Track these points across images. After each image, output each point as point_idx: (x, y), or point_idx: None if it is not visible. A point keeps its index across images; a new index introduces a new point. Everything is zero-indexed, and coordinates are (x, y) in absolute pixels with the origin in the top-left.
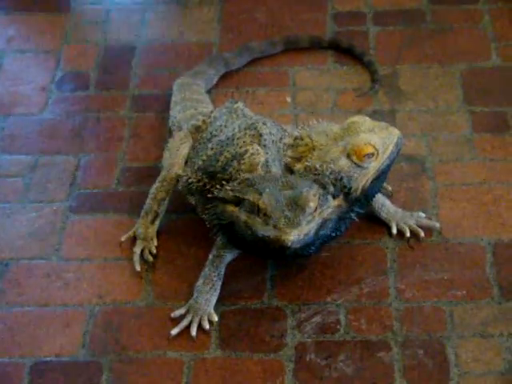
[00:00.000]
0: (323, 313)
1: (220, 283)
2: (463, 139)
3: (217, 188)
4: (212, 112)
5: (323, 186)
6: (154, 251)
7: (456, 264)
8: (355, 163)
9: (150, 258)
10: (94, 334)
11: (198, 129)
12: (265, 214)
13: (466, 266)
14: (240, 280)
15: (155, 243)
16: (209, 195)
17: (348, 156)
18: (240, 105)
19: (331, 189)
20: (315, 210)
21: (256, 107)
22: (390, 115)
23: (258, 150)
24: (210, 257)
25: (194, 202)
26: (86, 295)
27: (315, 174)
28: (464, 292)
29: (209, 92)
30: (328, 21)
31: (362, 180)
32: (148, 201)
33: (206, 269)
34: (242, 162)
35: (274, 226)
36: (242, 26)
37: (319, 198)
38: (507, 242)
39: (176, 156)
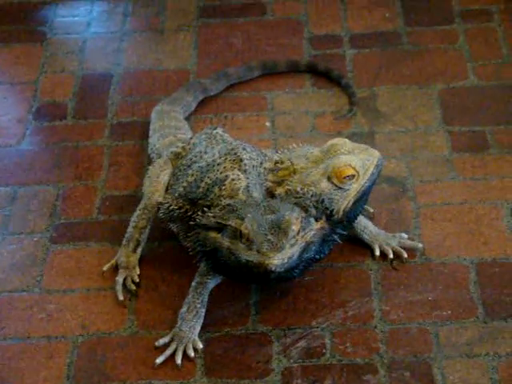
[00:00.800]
0: (308, 337)
1: (204, 310)
2: (443, 159)
3: (198, 214)
4: (191, 138)
5: (305, 209)
6: (137, 280)
7: (440, 284)
8: (336, 185)
9: (133, 287)
10: (78, 365)
11: (177, 155)
12: (247, 239)
13: (449, 286)
14: (224, 306)
15: (137, 272)
16: (191, 222)
17: (329, 178)
18: (219, 130)
19: (313, 211)
20: (298, 233)
21: (235, 132)
22: (369, 137)
23: (238, 175)
24: (193, 284)
25: (175, 230)
26: (69, 326)
27: (296, 197)
28: (449, 312)
29: (187, 119)
30: (304, 44)
31: (343, 202)
32: (129, 229)
33: (190, 296)
34: (223, 187)
35: (258, 251)
36: (218, 51)
37: (301, 221)
38: (490, 261)
39: (156, 183)
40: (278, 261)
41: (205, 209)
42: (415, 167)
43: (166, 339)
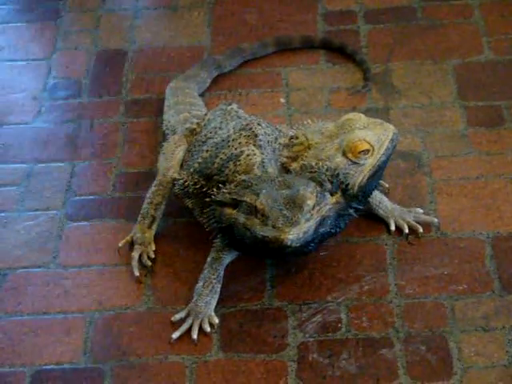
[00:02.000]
0: (324, 312)
1: (219, 285)
2: (458, 134)
3: (213, 190)
4: (206, 114)
5: (320, 184)
6: (153, 256)
7: (455, 258)
8: (351, 160)
9: (149, 263)
10: (95, 340)
11: (192, 132)
12: (263, 215)
13: (465, 261)
14: (239, 281)
15: (153, 248)
16: (206, 199)
17: (344, 153)
18: (234, 106)
19: (328, 186)
20: (313, 208)
21: (249, 109)
22: (383, 112)
23: (253, 150)
24: (209, 259)
25: (190, 206)
26: (85, 302)
27: (311, 172)
28: (465, 286)
29: (202, 95)
30: (319, 20)
31: (358, 177)
32: (144, 205)
33: (205, 271)
34: (238, 163)
35: (273, 226)
36: (232, 28)
37: (317, 196)
38: (506, 236)
39: (171, 160)
40: (293, 235)
41: (220, 185)
42: (430, 142)
43: (181, 314)
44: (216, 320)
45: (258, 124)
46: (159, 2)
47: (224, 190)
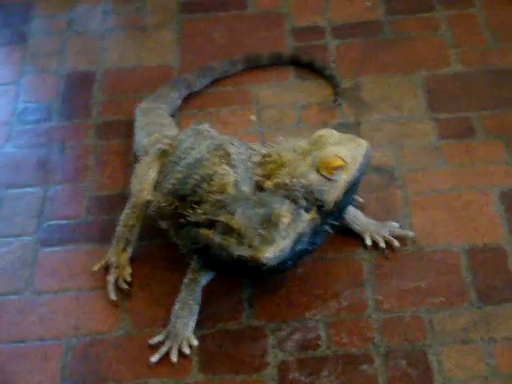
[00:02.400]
0: (303, 329)
1: (197, 307)
2: (430, 147)
3: (188, 211)
4: (178, 135)
5: (295, 201)
6: (129, 279)
7: (432, 271)
8: (325, 177)
9: (125, 286)
10: (73, 366)
11: (164, 152)
12: (239, 234)
13: (442, 273)
14: (217, 302)
15: (129, 271)
16: (181, 220)
17: (317, 170)
18: (205, 126)
19: (303, 203)
20: (289, 226)
21: (221, 127)
22: (355, 127)
23: (226, 169)
24: (186, 281)
25: (165, 227)
26: (62, 328)
27: (286, 190)
28: (442, 299)
29: (173, 115)
30: (287, 37)
31: (333, 193)
32: (119, 228)
33: (182, 293)
34: (212, 183)
35: (249, 245)
36: (200, 47)
37: (292, 213)
38: (481, 247)
39: (144, 181)
40: (269, 254)
41: (194, 205)
42: (403, 156)
43: (160, 337)
44: (195, 342)
45: (231, 143)
46: (126, 22)
47: (199, 211)
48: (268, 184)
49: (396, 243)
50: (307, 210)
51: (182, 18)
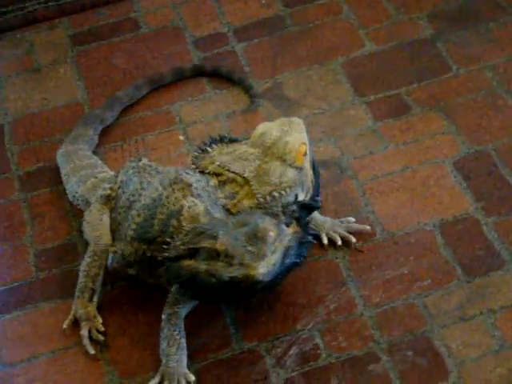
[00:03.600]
0: (298, 342)
1: (184, 340)
2: (369, 131)
3: (161, 250)
4: (117, 176)
5: (275, 216)
6: (102, 329)
7: (410, 255)
8: (298, 167)
9: (101, 337)
10: None
11: (107, 198)
12: (226, 256)
13: (421, 255)
14: (202, 332)
15: (100, 320)
16: (159, 258)
17: (290, 165)
18: (145, 161)
19: (283, 218)
20: (276, 240)
21: (151, 153)
22: None
23: (193, 201)
24: (164, 316)
25: (134, 273)
26: None
27: (264, 208)
28: (429, 281)
29: (94, 152)
30: (191, 49)
31: (308, 179)
32: (81, 279)
33: (165, 330)
34: (182, 217)
35: (240, 264)
36: (104, 76)
37: (275, 228)
38: (451, 220)
39: (100, 227)
40: (263, 269)
41: (164, 246)
42: (345, 145)
43: (156, 380)
44: (192, 377)
45: (186, 173)
46: (19, 66)
47: (176, 243)
48: (243, 205)
49: (352, 239)
50: (288, 225)
51: (76, 51)
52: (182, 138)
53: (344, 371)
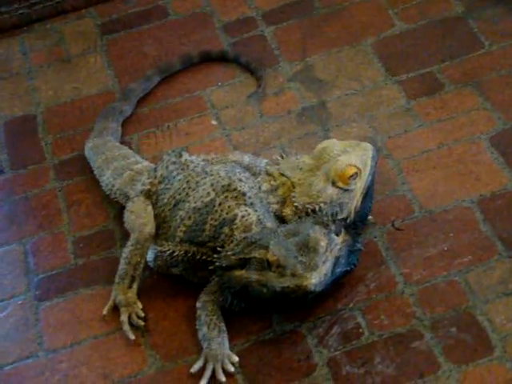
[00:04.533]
0: (340, 321)
1: (223, 323)
2: (403, 110)
3: (210, 255)
4: (156, 171)
5: (325, 226)
6: (142, 314)
7: (450, 232)
8: (342, 188)
9: (141, 322)
10: None
11: (148, 193)
12: (278, 266)
13: (460, 231)
14: (242, 315)
15: (140, 306)
16: (210, 267)
17: (333, 183)
18: (186, 156)
19: (333, 227)
20: (327, 249)
21: (184, 139)
22: (321, 108)
23: (246, 210)
24: (200, 304)
25: (178, 273)
26: (90, 380)
27: (308, 215)
28: (470, 257)
29: (127, 141)
30: (220, 34)
31: (352, 203)
32: (122, 266)
33: (203, 316)
34: (234, 226)
35: (292, 275)
36: (135, 64)
37: (326, 237)
38: (490, 196)
39: (145, 216)
40: (315, 279)
41: (218, 249)
42: (378, 125)
43: (200, 363)
44: (235, 358)
45: (240, 180)
46: (48, 57)
47: (227, 253)
48: (286, 211)
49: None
50: (337, 234)
51: (105, 40)
52: (214, 122)
53: (387, 349)
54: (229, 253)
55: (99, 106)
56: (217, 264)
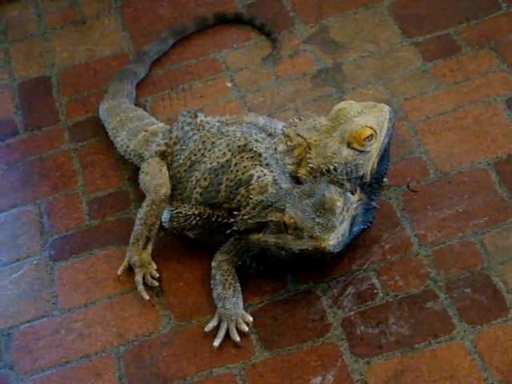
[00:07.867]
0: (354, 282)
1: (238, 283)
2: (419, 72)
3: (229, 219)
4: (171, 131)
5: (340, 185)
6: (157, 275)
7: (465, 194)
8: (357, 150)
9: (155, 283)
10: (130, 375)
11: (163, 154)
12: (295, 229)
13: (475, 193)
14: (256, 275)
15: (154, 266)
16: (227, 231)
17: (349, 145)
18: (201, 117)
19: (348, 186)
20: (343, 209)
21: (198, 101)
22: (336, 70)
23: (262, 171)
24: (215, 264)
25: (192, 236)
26: (105, 339)
27: (323, 175)
28: (485, 219)
29: (142, 103)
30: None
31: (368, 164)
32: (137, 227)
33: (217, 276)
34: (251, 187)
35: (310, 237)
36: (149, 26)
37: (342, 197)
38: (506, 158)
39: (160, 177)
40: (333, 241)
41: (234, 212)
42: (394, 87)
43: (214, 322)
44: (250, 318)
45: (256, 141)
46: (64, 18)
47: (244, 217)
48: (302, 171)
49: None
50: (352, 193)
51: (120, 1)
52: (229, 84)
53: (402, 310)
54: (245, 217)
55: (113, 67)
56: (234, 228)
